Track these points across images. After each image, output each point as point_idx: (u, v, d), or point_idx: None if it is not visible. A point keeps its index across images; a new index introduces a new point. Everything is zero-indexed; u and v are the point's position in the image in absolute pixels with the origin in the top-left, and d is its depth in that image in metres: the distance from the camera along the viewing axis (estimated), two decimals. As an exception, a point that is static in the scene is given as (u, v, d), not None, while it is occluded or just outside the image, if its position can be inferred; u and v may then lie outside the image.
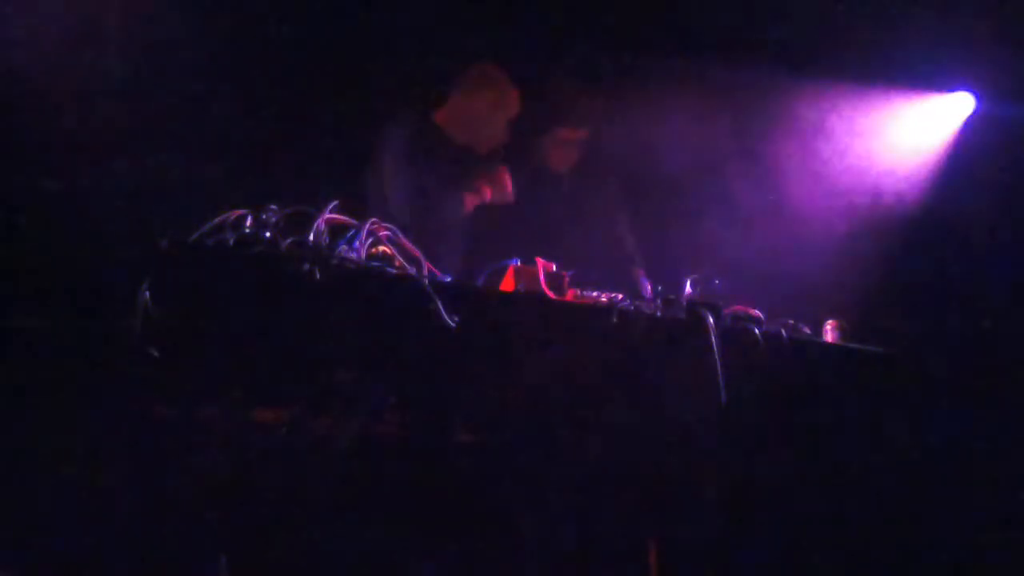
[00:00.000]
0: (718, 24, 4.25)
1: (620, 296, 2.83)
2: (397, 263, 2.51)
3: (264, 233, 2.36)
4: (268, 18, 3.92)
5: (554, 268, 2.85)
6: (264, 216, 2.38)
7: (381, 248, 2.50)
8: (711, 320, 2.75)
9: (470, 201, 3.64)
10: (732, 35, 4.25)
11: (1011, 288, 4.18)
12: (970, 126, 4.45)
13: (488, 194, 3.68)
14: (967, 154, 4.43)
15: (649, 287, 2.91)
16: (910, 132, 4.52)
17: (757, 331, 2.85)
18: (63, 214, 3.47)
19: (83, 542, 3.08)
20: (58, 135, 3.48)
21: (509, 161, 3.77)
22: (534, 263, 2.83)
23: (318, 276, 2.32)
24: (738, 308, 2.92)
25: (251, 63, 3.89)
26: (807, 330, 3.12)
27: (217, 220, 2.34)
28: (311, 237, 2.39)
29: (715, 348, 2.70)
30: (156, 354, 2.23)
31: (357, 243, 2.46)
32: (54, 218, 3.47)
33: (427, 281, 2.46)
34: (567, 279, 2.85)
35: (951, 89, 4.46)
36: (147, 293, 2.21)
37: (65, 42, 3.49)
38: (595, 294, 2.87)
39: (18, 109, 3.45)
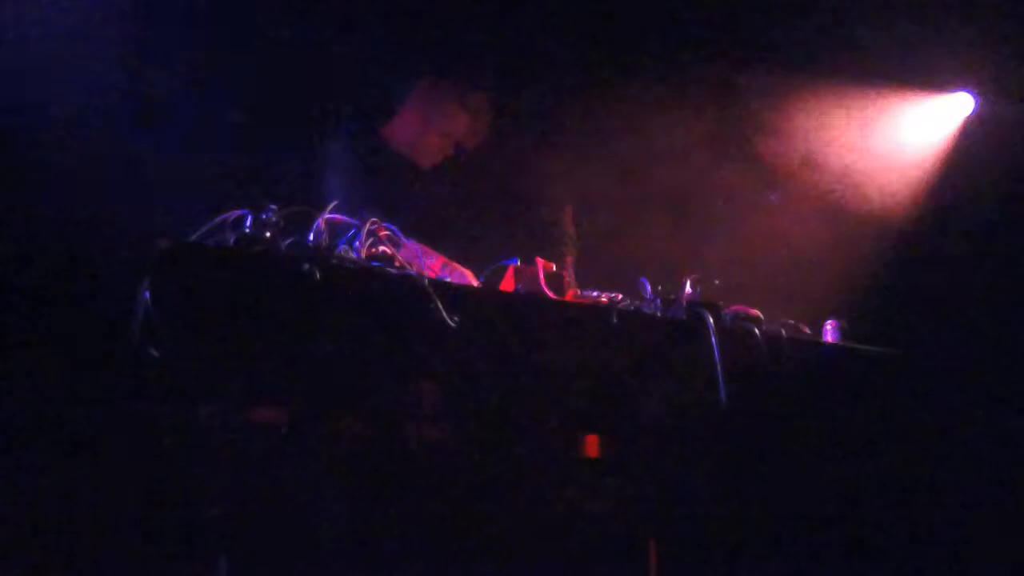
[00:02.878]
0: (716, 24, 4.25)
1: (620, 296, 2.83)
2: (397, 263, 2.51)
3: (264, 233, 2.36)
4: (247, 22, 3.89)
5: (554, 268, 2.85)
6: (264, 216, 2.38)
7: (381, 248, 2.51)
8: (711, 320, 2.75)
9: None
10: (730, 35, 4.25)
11: (1011, 287, 4.18)
12: (970, 126, 4.45)
13: None
14: (967, 154, 4.43)
15: (649, 287, 2.90)
16: (909, 132, 4.51)
17: (757, 331, 2.85)
18: (63, 214, 3.46)
19: (83, 542, 3.08)
20: (57, 135, 3.48)
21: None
22: (534, 263, 2.83)
23: (318, 276, 2.32)
24: (738, 308, 2.92)
25: (253, 62, 3.89)
26: (807, 330, 3.12)
27: (217, 220, 2.34)
28: (311, 237, 2.39)
29: (715, 348, 2.70)
30: (156, 354, 2.23)
31: (357, 243, 2.46)
32: (53, 218, 3.46)
33: (427, 281, 2.46)
34: (567, 279, 2.86)
35: (951, 89, 4.46)
36: (147, 293, 2.21)
37: (62, 41, 3.49)
38: (595, 294, 2.87)
39: (16, 109, 3.45)
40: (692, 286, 2.91)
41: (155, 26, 3.67)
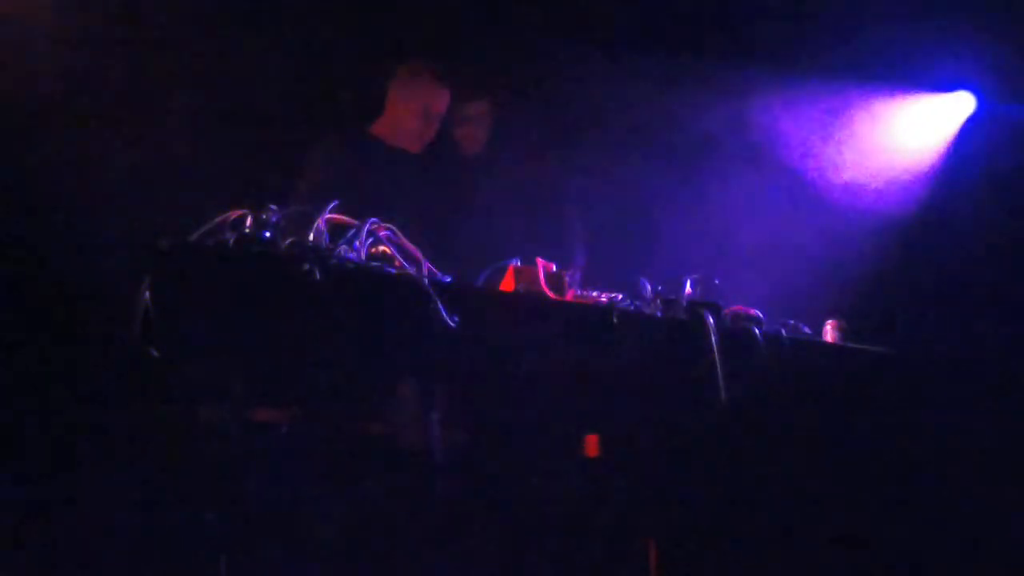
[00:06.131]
0: (718, 22, 4.25)
1: (620, 296, 2.83)
2: (397, 263, 2.51)
3: (264, 233, 2.35)
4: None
5: (554, 268, 2.85)
6: (264, 216, 2.38)
7: (381, 248, 2.50)
8: (711, 320, 2.75)
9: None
10: (731, 33, 4.25)
11: (1011, 288, 4.18)
12: (970, 126, 4.45)
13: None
14: (967, 154, 4.43)
15: (648, 287, 2.90)
16: (910, 132, 4.51)
17: (757, 331, 2.85)
18: (62, 214, 3.46)
19: (83, 542, 3.08)
20: (57, 135, 3.48)
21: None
22: (534, 263, 2.83)
23: (318, 276, 2.32)
24: (738, 308, 2.92)
25: (257, 61, 3.89)
26: (807, 330, 3.12)
27: (217, 220, 2.34)
28: (311, 237, 2.39)
29: (715, 348, 2.70)
30: (156, 354, 2.22)
31: (357, 243, 2.45)
32: (53, 218, 3.47)
33: (427, 281, 2.46)
34: (567, 279, 2.85)
35: (951, 89, 4.45)
36: (147, 293, 2.21)
37: (62, 42, 3.49)
38: (595, 294, 2.87)
39: (16, 109, 3.45)
40: (692, 286, 2.91)
41: (156, 25, 3.68)
